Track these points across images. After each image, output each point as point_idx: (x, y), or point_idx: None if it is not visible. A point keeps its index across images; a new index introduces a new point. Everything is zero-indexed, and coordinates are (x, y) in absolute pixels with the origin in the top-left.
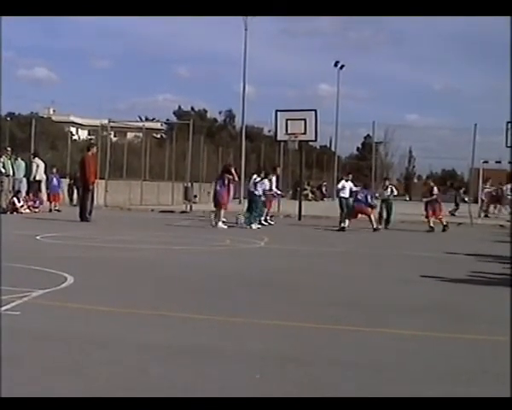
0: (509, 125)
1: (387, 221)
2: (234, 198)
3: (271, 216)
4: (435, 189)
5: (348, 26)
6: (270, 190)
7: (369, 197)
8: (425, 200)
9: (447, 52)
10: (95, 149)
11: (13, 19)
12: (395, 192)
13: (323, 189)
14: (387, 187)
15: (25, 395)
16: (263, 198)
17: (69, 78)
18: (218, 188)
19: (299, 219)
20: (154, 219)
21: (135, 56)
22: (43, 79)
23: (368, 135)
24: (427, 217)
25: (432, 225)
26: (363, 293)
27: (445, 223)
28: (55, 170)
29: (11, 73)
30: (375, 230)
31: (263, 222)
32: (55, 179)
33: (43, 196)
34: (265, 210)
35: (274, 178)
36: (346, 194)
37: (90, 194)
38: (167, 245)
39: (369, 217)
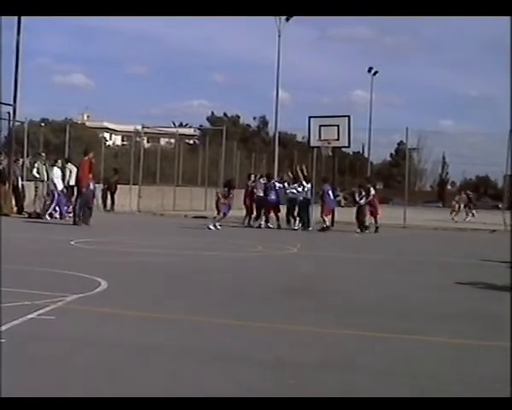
0: None
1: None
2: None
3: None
4: (372, 190)
5: (385, 32)
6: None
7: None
8: (362, 201)
9: (483, 58)
10: (91, 155)
11: (51, 25)
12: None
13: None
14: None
15: (55, 396)
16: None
17: (105, 84)
18: (329, 200)
19: (332, 225)
20: (187, 225)
21: (171, 63)
22: (80, 85)
23: (401, 141)
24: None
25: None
26: (397, 300)
27: (378, 224)
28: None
29: (47, 80)
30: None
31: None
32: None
33: None
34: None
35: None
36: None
37: (85, 197)
38: (200, 251)
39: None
